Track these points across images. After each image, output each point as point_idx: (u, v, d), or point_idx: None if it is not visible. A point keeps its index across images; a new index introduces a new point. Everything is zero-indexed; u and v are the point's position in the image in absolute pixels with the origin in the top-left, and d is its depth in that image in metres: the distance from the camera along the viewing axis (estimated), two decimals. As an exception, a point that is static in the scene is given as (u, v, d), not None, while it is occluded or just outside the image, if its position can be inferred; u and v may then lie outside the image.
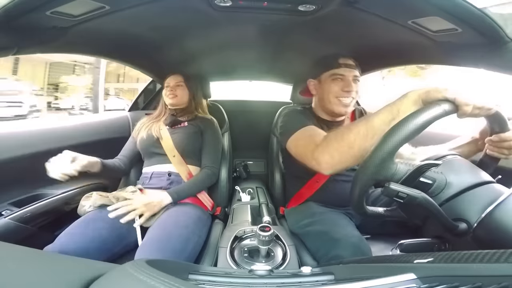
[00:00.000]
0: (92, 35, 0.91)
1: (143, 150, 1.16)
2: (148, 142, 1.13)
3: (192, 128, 1.19)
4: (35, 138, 1.05)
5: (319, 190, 1.01)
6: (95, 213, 0.88)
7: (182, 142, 1.12)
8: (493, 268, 0.29)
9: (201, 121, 1.23)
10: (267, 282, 0.42)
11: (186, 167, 1.11)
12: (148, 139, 1.14)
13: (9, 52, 0.72)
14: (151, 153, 1.14)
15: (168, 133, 1.15)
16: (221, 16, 0.90)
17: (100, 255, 0.78)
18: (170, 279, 0.28)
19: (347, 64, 0.94)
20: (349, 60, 0.96)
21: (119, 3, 0.75)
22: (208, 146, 1.18)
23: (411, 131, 0.44)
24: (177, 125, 1.20)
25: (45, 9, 0.66)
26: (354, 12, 0.78)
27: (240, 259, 0.74)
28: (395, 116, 0.53)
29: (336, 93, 0.94)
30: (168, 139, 1.13)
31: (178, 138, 1.13)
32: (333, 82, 0.95)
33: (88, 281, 0.30)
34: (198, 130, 1.19)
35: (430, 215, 0.50)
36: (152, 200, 0.93)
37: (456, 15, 0.63)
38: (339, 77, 0.94)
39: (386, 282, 0.32)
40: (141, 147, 1.16)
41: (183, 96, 1.23)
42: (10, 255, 0.34)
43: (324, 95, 0.97)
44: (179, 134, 1.15)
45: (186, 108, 1.25)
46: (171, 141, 1.12)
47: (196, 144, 1.17)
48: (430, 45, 0.84)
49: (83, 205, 0.91)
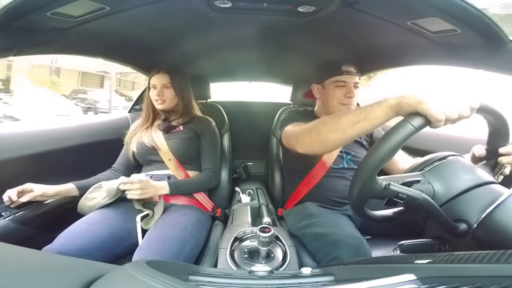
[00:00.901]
0: (92, 36, 0.91)
1: (140, 158, 1.14)
2: (143, 152, 1.11)
3: (187, 132, 1.15)
4: (35, 139, 1.05)
5: (316, 188, 1.01)
6: (96, 214, 0.88)
7: (179, 148, 1.10)
8: (493, 269, 0.29)
9: (196, 123, 1.18)
10: (267, 283, 0.42)
11: (184, 171, 1.10)
12: (141, 149, 1.11)
13: (9, 53, 0.73)
14: (148, 161, 1.12)
15: (163, 139, 1.11)
16: (221, 17, 0.90)
17: (100, 256, 0.78)
18: (170, 280, 0.28)
19: (349, 72, 1.00)
20: (351, 67, 1.01)
21: (119, 4, 0.75)
22: (207, 149, 1.16)
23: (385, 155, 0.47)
24: (172, 130, 1.14)
25: (45, 10, 0.66)
26: (353, 13, 0.78)
27: (240, 260, 0.74)
28: (361, 120, 0.56)
29: (339, 99, 1.00)
30: (164, 146, 1.09)
31: (174, 145, 1.10)
32: (337, 89, 1.00)
33: (89, 282, 0.30)
34: (194, 134, 1.15)
35: (430, 216, 0.50)
36: (151, 185, 0.94)
37: (455, 16, 0.63)
38: (342, 83, 0.99)
39: (386, 283, 0.32)
40: (138, 155, 1.13)
41: (172, 98, 1.13)
42: (10, 256, 0.34)
43: (328, 100, 1.03)
44: (175, 140, 1.11)
45: (176, 110, 1.18)
46: (167, 148, 1.09)
47: (193, 149, 1.14)
48: (429, 46, 0.85)
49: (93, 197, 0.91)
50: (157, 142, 1.10)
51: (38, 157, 1.03)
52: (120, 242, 0.85)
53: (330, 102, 1.01)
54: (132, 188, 0.91)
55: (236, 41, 1.20)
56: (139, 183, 0.91)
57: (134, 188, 0.91)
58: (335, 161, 1.02)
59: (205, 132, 1.17)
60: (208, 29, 1.03)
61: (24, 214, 0.91)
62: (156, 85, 1.11)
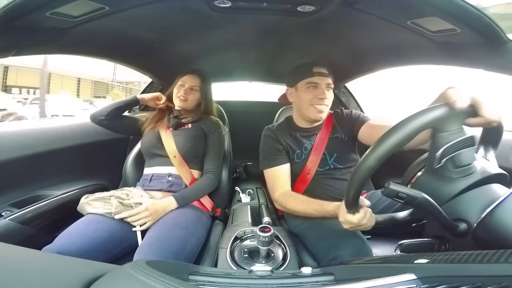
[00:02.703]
0: (91, 36, 0.91)
1: (145, 150, 1.14)
2: (151, 143, 1.12)
3: (195, 130, 1.16)
4: (34, 139, 1.05)
5: (312, 185, 1.01)
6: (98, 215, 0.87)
7: (185, 145, 1.10)
8: (493, 268, 0.29)
9: (205, 122, 1.19)
10: (267, 282, 0.42)
11: (187, 168, 1.10)
12: (148, 142, 1.13)
13: (8, 53, 0.72)
14: (152, 154, 1.12)
15: (171, 135, 1.13)
16: (221, 17, 0.90)
17: (100, 256, 0.77)
18: (170, 280, 0.28)
19: (320, 73, 1.00)
20: (323, 69, 1.01)
21: (118, 4, 0.75)
22: (212, 150, 1.16)
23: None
24: (180, 127, 1.17)
25: (44, 10, 0.66)
26: (353, 13, 0.78)
27: (240, 259, 0.74)
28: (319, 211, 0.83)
29: (311, 100, 1.00)
30: (171, 141, 1.11)
31: (180, 141, 1.11)
32: (308, 90, 1.00)
33: (88, 282, 0.30)
34: (201, 133, 1.16)
35: (430, 215, 0.50)
36: (158, 209, 0.92)
37: (455, 15, 0.63)
38: (313, 85, 1.00)
39: (386, 283, 0.32)
40: (143, 147, 1.15)
41: (194, 100, 1.18)
42: (10, 256, 0.34)
43: (300, 102, 1.04)
44: (182, 137, 1.12)
45: (193, 110, 1.21)
46: (174, 144, 1.10)
47: (199, 147, 1.14)
48: (429, 46, 0.85)
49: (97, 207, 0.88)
50: (164, 137, 1.12)
51: (38, 157, 1.03)
52: (120, 242, 0.85)
53: (303, 104, 1.02)
54: (141, 217, 0.88)
55: (236, 41, 1.20)
56: (146, 211, 0.89)
57: (143, 217, 0.88)
58: (321, 164, 1.02)
59: (213, 132, 1.18)
60: (207, 28, 1.03)
61: (24, 214, 0.91)
62: (185, 84, 1.16)
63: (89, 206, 0.89)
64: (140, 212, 0.88)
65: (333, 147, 1.03)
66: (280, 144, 1.05)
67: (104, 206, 0.88)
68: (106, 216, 0.87)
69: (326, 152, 1.02)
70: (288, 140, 1.06)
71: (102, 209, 0.88)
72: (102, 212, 0.87)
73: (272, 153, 1.04)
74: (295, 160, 1.04)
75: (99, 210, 0.87)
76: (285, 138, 1.06)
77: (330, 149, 1.03)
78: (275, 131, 1.09)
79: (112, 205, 0.88)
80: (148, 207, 0.89)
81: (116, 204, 0.88)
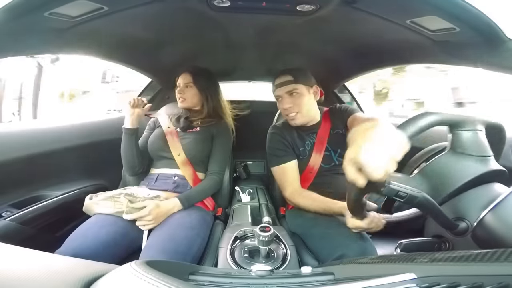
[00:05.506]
0: (90, 36, 0.91)
1: (152, 151, 1.13)
2: (158, 146, 1.11)
3: (203, 133, 1.14)
4: (34, 139, 1.05)
5: (316, 184, 1.01)
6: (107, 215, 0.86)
7: (192, 149, 1.09)
8: (493, 268, 0.29)
9: (214, 125, 1.17)
10: (267, 282, 0.42)
11: (192, 168, 1.08)
12: (158, 142, 1.11)
13: (7, 53, 0.72)
14: (159, 156, 1.11)
15: (178, 138, 1.11)
16: (220, 17, 0.90)
17: (111, 258, 0.75)
18: (170, 280, 0.28)
19: (280, 83, 1.04)
20: (284, 77, 1.03)
21: (117, 4, 0.75)
22: (218, 152, 1.14)
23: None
24: (189, 130, 1.15)
25: (43, 11, 0.65)
26: (352, 12, 0.78)
27: (240, 259, 0.74)
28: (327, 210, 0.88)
29: (282, 111, 1.08)
30: (178, 144, 1.09)
31: (188, 145, 1.09)
32: (278, 102, 1.08)
33: (89, 282, 0.30)
34: (209, 136, 1.14)
35: (430, 214, 0.50)
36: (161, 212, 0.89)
37: (453, 14, 0.63)
38: (278, 97, 1.07)
39: (386, 282, 0.32)
40: (151, 149, 1.13)
41: (192, 97, 1.16)
42: (10, 256, 0.34)
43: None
44: (189, 140, 1.11)
45: (200, 111, 1.19)
46: (181, 146, 1.09)
47: (206, 151, 1.13)
48: (429, 45, 0.85)
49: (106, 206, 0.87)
50: (171, 139, 1.11)
51: (38, 158, 1.03)
52: (130, 243, 0.84)
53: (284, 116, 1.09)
54: (146, 220, 0.86)
55: (235, 40, 1.19)
56: (150, 214, 0.86)
57: (147, 220, 0.86)
58: (325, 160, 1.02)
59: (221, 134, 1.16)
60: (206, 28, 1.03)
61: (24, 214, 0.91)
62: (180, 84, 1.17)
63: (97, 206, 0.88)
64: (145, 215, 0.86)
65: (336, 143, 1.04)
66: (286, 140, 1.08)
67: (114, 205, 0.87)
68: (116, 216, 0.85)
69: (330, 149, 1.03)
70: (293, 136, 1.09)
71: (112, 208, 0.86)
72: (112, 212, 0.86)
73: (280, 150, 1.06)
74: (300, 157, 1.06)
75: (109, 210, 0.86)
76: (290, 135, 1.09)
77: (334, 145, 1.04)
78: (282, 128, 1.12)
79: (123, 204, 0.86)
80: (152, 211, 0.86)
81: (126, 203, 0.86)
